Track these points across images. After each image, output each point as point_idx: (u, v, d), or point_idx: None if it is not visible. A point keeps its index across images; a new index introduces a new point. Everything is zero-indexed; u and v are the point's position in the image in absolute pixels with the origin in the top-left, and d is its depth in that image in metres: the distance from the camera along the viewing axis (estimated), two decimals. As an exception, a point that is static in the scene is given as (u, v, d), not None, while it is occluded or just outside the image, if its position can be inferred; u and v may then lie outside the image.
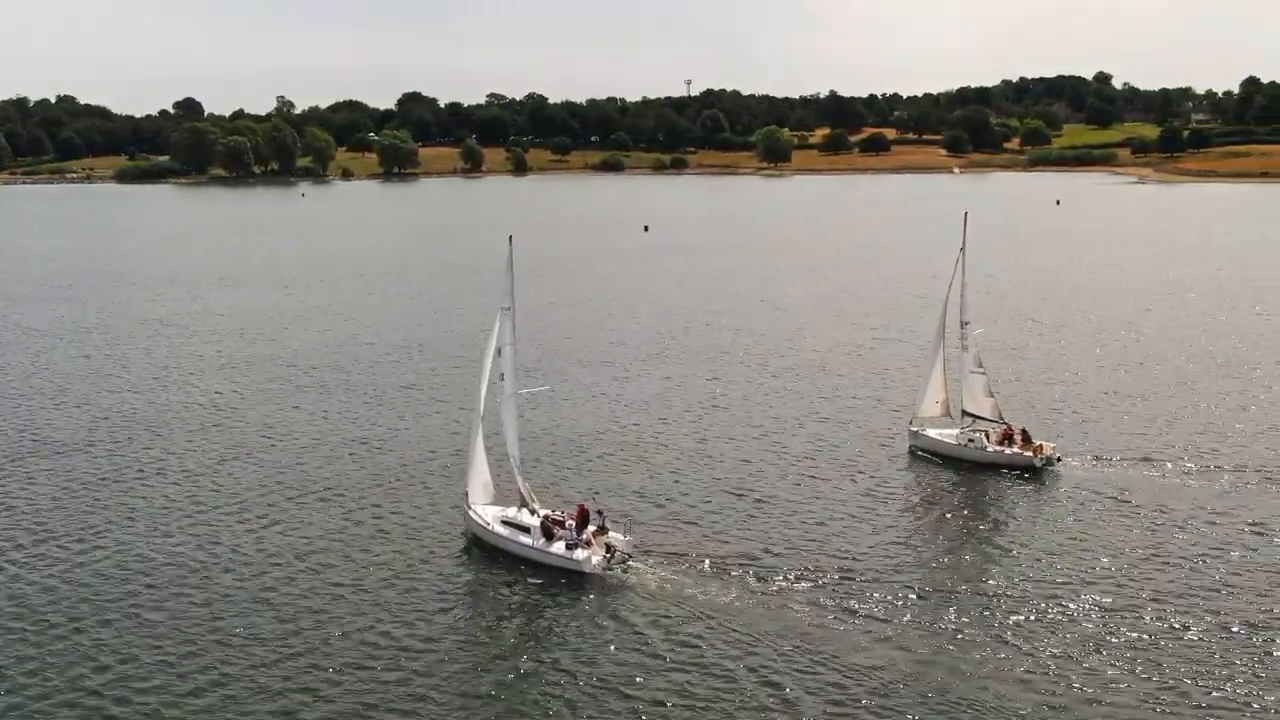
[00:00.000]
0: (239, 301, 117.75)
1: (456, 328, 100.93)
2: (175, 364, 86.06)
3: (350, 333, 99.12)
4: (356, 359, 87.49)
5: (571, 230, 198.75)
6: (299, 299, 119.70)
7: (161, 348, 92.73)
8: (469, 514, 48.59)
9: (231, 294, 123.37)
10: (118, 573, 45.75)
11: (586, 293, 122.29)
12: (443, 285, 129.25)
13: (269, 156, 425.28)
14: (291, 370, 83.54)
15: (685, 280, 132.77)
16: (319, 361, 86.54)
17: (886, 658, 37.99)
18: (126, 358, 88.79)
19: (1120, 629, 40.12)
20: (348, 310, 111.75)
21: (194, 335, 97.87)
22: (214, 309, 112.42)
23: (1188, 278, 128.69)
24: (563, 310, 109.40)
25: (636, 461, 60.50)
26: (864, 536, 49.28)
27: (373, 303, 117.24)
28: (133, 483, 57.26)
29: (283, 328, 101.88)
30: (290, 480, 57.52)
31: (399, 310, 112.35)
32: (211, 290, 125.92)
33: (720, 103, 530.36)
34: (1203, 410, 69.38)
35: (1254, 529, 49.35)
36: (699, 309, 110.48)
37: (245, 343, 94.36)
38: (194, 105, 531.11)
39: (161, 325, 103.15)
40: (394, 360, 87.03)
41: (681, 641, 39.28)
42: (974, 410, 62.69)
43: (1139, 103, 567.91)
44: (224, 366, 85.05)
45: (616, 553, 44.89)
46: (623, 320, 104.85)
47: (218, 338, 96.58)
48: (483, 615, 42.22)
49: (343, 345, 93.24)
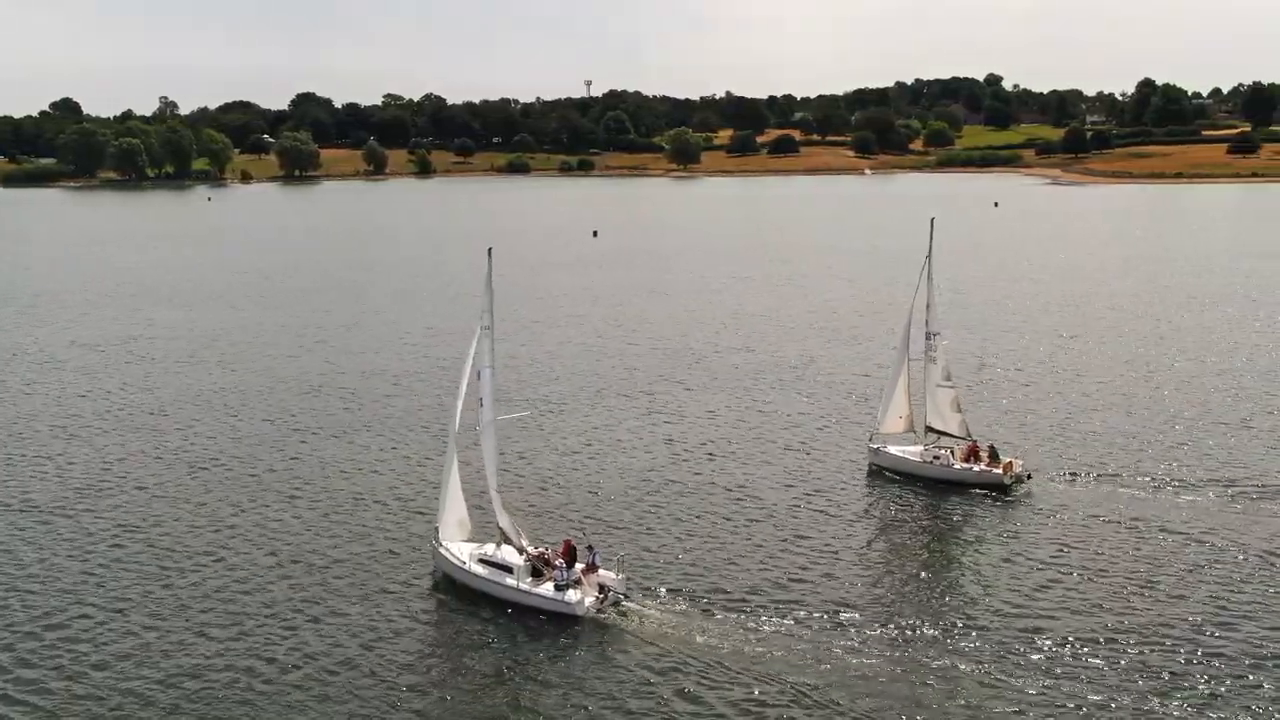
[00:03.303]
0: (186, 321, 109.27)
1: (420, 347, 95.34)
2: (120, 391, 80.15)
3: (307, 353, 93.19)
4: (311, 382, 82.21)
5: (517, 237, 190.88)
6: (248, 316, 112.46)
7: (109, 373, 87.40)
8: (440, 551, 45.34)
9: (175, 312, 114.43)
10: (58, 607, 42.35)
11: (553, 307, 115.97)
12: (402, 302, 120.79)
13: (163, 159, 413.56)
14: (239, 396, 78.48)
15: (657, 291, 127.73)
16: (269, 386, 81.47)
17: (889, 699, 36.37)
18: (67, 387, 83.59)
19: (1097, 654, 39.10)
20: (300, 328, 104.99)
21: (146, 359, 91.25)
22: (161, 330, 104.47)
23: (1154, 285, 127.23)
24: (534, 327, 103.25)
25: (592, 491, 57.53)
26: (852, 566, 47.61)
27: (327, 320, 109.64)
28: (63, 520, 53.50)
29: (236, 349, 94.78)
30: (236, 520, 53.99)
31: (356, 328, 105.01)
32: (153, 309, 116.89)
33: (624, 104, 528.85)
34: (1178, 424, 68.24)
35: (1234, 546, 48.58)
36: (670, 322, 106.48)
37: (195, 367, 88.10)
38: (73, 105, 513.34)
39: (94, 349, 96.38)
40: (347, 384, 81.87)
41: (681, 689, 37.10)
42: (940, 426, 61.21)
43: (1034, 104, 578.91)
44: (174, 395, 79.51)
45: (610, 592, 42.11)
46: (596, 338, 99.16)
47: (169, 362, 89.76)
48: (463, 666, 39.16)
49: (300, 368, 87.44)
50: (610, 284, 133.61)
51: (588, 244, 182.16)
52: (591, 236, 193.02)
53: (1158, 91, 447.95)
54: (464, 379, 44.80)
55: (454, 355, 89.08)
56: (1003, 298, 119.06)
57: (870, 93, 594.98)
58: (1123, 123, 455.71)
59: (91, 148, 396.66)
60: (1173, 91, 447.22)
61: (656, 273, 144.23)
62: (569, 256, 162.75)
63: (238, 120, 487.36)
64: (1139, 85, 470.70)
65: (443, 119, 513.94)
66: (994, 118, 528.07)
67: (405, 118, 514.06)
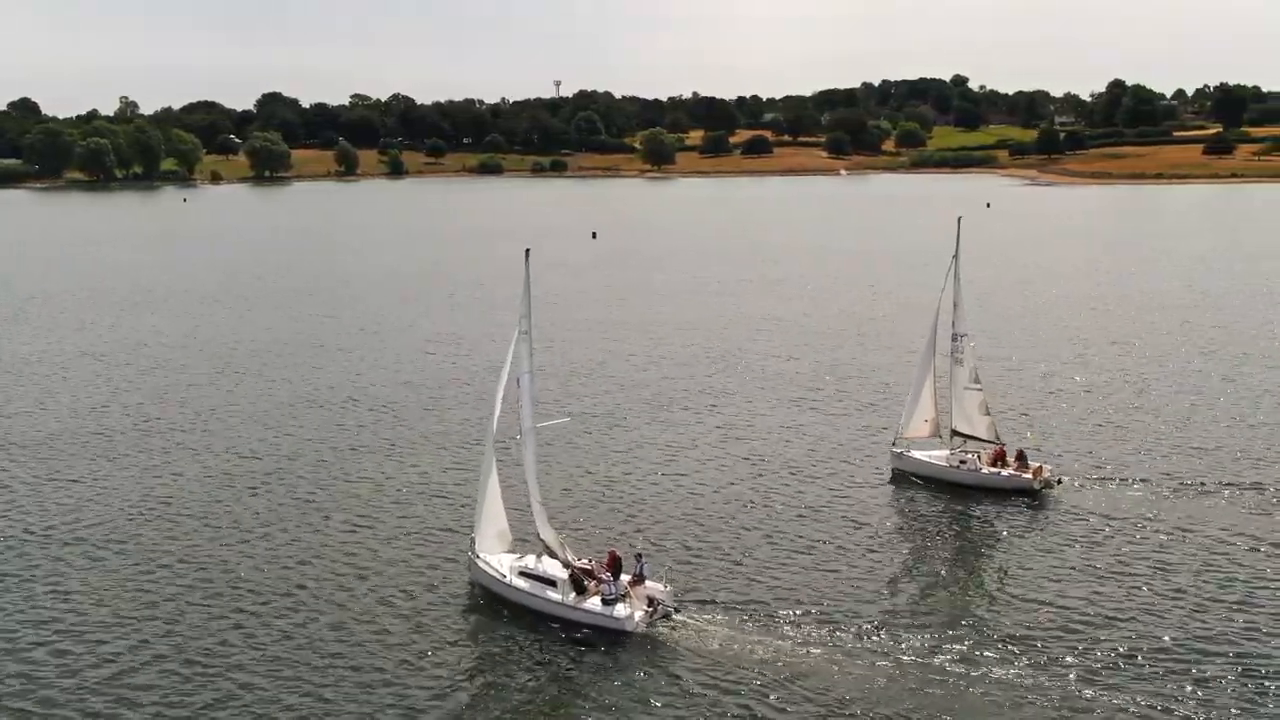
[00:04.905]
0: (197, 327, 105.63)
1: (439, 354, 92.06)
2: (139, 407, 75.84)
3: (331, 361, 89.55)
4: (335, 392, 78.92)
5: (515, 239, 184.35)
6: (259, 320, 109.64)
7: (126, 383, 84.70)
8: (477, 564, 43.68)
9: (184, 319, 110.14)
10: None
11: (573, 310, 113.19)
12: (411, 305, 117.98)
13: (132, 160, 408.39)
14: (263, 408, 75.26)
15: (674, 293, 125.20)
16: (293, 397, 78.25)
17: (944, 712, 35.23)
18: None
19: (1134, 663, 38.11)
20: (312, 334, 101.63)
21: (167, 368, 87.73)
22: (193, 334, 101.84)
23: (1175, 286, 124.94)
24: (552, 330, 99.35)
25: (607, 502, 55.72)
26: (894, 575, 46.49)
27: (339, 326, 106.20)
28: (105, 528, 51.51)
29: (258, 359, 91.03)
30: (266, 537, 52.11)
31: (372, 334, 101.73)
32: (159, 314, 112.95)
33: (595, 105, 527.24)
34: (1211, 427, 66.82)
35: (1271, 550, 47.53)
36: (683, 325, 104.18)
37: (230, 371, 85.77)
38: (31, 105, 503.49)
39: (98, 359, 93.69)
40: (373, 394, 78.89)
41: (747, 708, 35.69)
42: (967, 430, 60.08)
43: (1002, 105, 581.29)
44: (208, 400, 76.92)
45: (659, 606, 40.53)
46: (614, 342, 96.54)
47: (190, 374, 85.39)
48: (509, 684, 37.49)
49: (324, 379, 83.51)
50: (624, 286, 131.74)
51: (589, 246, 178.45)
52: (591, 238, 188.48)
53: (1128, 92, 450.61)
54: (501, 385, 43.15)
55: (469, 361, 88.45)
56: (1022, 298, 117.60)
57: (839, 93, 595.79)
58: (1093, 123, 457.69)
59: (58, 148, 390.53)
60: (1143, 93, 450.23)
61: (670, 274, 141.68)
62: (580, 258, 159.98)
63: (203, 120, 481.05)
64: (1109, 86, 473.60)
65: (412, 119, 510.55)
66: (963, 118, 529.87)
67: (374, 118, 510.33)
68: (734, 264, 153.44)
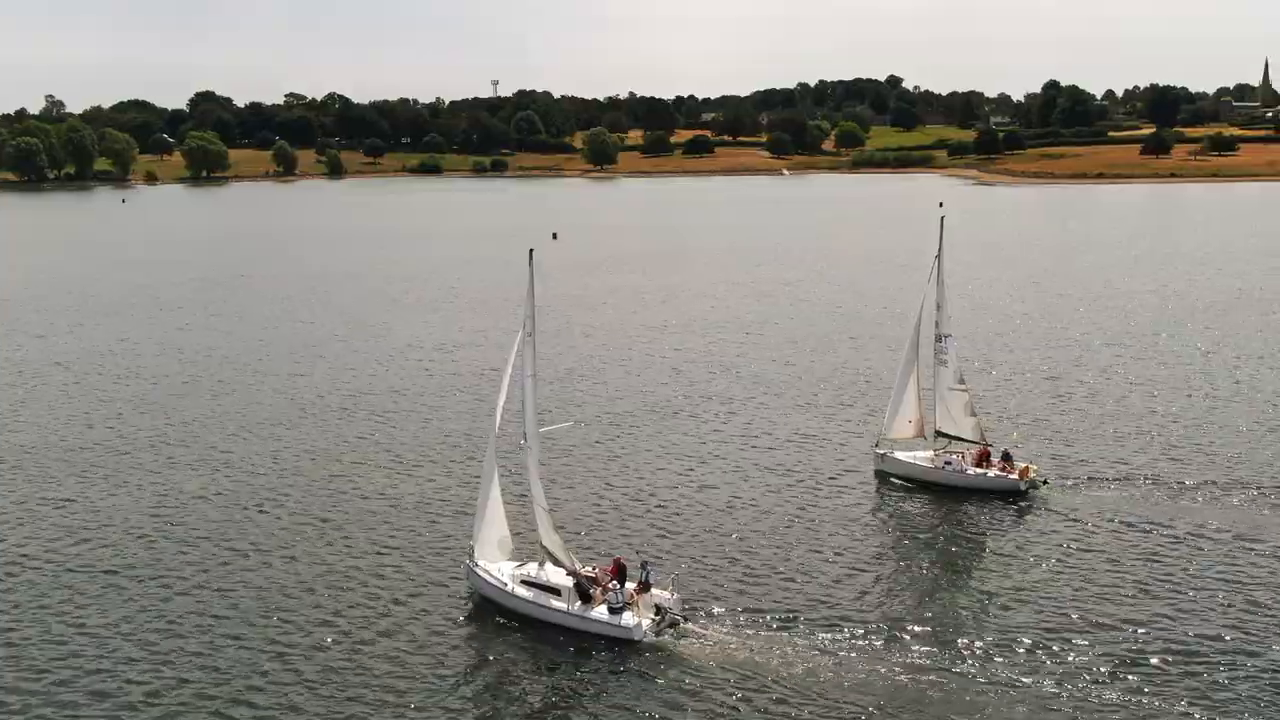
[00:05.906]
0: (173, 333, 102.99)
1: (417, 360, 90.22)
2: (118, 420, 72.91)
3: (311, 368, 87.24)
4: (320, 400, 76.81)
5: (467, 241, 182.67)
6: (227, 327, 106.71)
7: (120, 388, 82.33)
8: (476, 572, 42.48)
9: (152, 327, 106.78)
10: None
11: (550, 319, 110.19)
12: (389, 313, 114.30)
13: (64, 160, 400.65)
14: (253, 417, 72.94)
15: (643, 297, 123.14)
16: (281, 405, 75.96)
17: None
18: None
19: (1125, 664, 37.90)
20: (288, 340, 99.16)
21: (137, 378, 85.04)
22: (163, 341, 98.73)
23: (1153, 284, 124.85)
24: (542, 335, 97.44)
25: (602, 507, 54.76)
26: (892, 579, 46.08)
27: (314, 332, 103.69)
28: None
29: (240, 362, 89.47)
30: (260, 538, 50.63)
31: (346, 340, 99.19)
32: (126, 323, 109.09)
33: (534, 104, 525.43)
34: (1199, 427, 66.66)
35: (1257, 551, 47.49)
36: (663, 329, 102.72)
37: (207, 379, 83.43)
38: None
39: (67, 368, 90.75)
40: (362, 402, 76.80)
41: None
42: (952, 430, 59.74)
43: (937, 105, 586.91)
44: (192, 410, 74.46)
45: (666, 614, 39.59)
46: (600, 347, 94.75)
47: (169, 383, 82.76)
48: (515, 695, 36.55)
49: (305, 386, 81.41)
50: (601, 289, 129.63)
51: (552, 248, 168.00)
52: (552, 239, 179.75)
53: (1063, 93, 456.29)
54: (503, 388, 42.02)
55: (453, 368, 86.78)
56: (1001, 297, 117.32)
57: (777, 94, 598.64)
58: (1029, 124, 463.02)
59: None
60: (1078, 93, 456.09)
61: (644, 277, 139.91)
62: (548, 260, 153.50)
63: (135, 120, 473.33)
64: (1044, 86, 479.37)
65: (350, 119, 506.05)
66: (900, 119, 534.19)
67: (311, 118, 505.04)
68: (709, 265, 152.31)
